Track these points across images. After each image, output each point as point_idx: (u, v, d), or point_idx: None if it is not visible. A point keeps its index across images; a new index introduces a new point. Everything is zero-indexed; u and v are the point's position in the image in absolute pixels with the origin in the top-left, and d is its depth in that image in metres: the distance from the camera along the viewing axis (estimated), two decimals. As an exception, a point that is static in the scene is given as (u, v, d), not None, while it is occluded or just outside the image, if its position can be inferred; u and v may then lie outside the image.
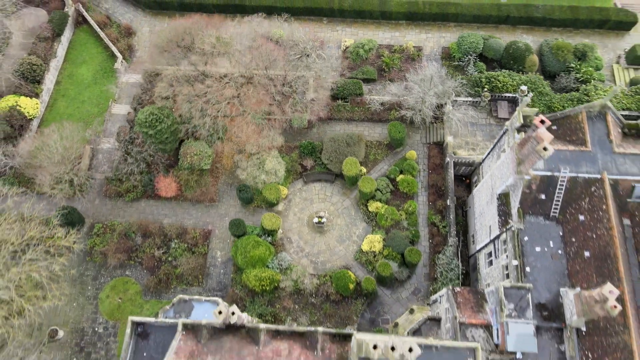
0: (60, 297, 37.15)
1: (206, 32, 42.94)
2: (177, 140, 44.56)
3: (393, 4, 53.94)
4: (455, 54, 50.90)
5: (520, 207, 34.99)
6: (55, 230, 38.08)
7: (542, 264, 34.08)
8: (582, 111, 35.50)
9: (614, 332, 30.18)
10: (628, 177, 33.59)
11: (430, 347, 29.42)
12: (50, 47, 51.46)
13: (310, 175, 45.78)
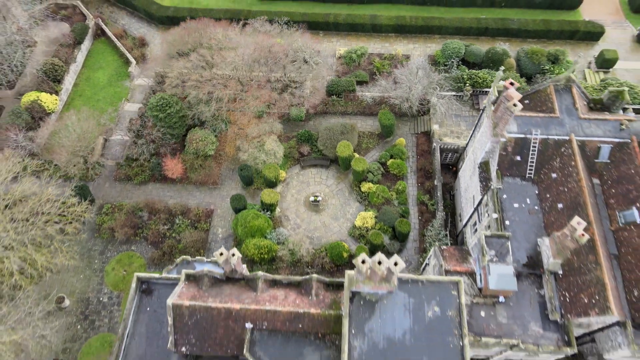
0: (70, 259, 39.41)
1: (214, 30, 47.94)
2: (184, 127, 48.38)
3: (383, 18, 59.69)
4: (440, 59, 55.80)
5: (499, 169, 38.20)
6: (70, 200, 40.90)
7: (520, 218, 36.81)
8: (550, 85, 39.57)
9: (587, 270, 32.46)
10: (593, 138, 37.04)
11: (416, 282, 31.65)
12: (71, 53, 56.54)
13: (307, 160, 49.21)
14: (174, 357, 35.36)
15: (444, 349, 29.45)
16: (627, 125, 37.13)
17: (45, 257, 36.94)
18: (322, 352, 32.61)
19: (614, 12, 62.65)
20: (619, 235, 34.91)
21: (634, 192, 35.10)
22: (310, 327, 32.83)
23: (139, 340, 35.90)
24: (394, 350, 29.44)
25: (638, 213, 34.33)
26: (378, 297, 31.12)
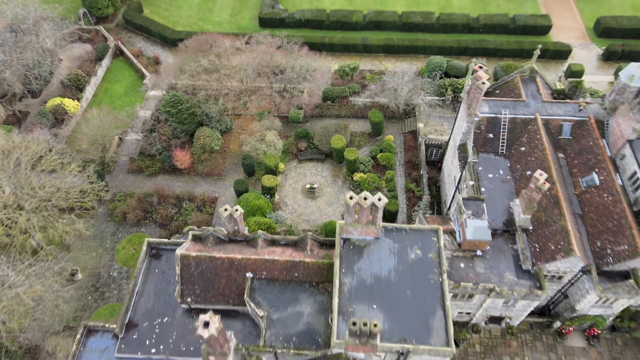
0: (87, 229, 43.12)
1: (222, 41, 54.31)
2: (194, 123, 53.49)
3: (373, 40, 66.65)
4: (425, 72, 61.99)
5: (474, 146, 42.86)
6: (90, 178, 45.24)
7: (494, 186, 40.99)
8: (517, 75, 45.15)
9: (553, 222, 36.29)
10: (556, 117, 42.01)
11: (401, 230, 35.43)
12: (92, 67, 62.86)
13: (304, 154, 53.93)
14: (179, 310, 38.25)
15: (425, 284, 32.75)
16: (585, 107, 42.24)
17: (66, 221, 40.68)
18: (316, 298, 35.76)
19: (581, 37, 69.85)
20: (582, 197, 39.00)
21: (592, 161, 39.59)
22: (305, 276, 36.17)
23: (147, 297, 38.91)
24: (380, 286, 32.70)
25: (597, 177, 38.60)
26: (366, 243, 34.75)
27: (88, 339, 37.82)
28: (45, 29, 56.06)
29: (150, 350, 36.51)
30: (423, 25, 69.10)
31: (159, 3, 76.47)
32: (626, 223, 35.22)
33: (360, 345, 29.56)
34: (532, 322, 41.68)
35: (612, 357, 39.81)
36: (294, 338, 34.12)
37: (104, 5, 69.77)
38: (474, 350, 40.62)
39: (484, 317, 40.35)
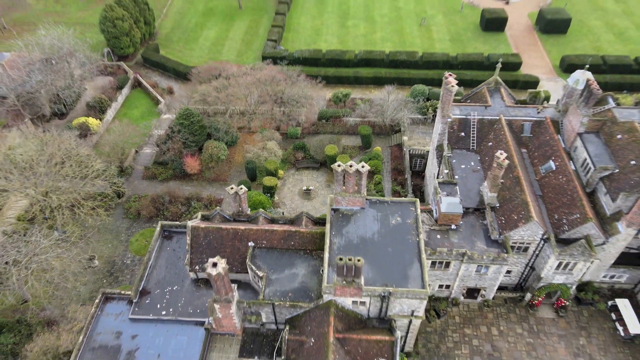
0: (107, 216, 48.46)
1: (230, 67, 62.41)
2: (203, 135, 60.18)
3: (363, 73, 75.18)
4: (409, 97, 69.75)
5: (449, 143, 49.24)
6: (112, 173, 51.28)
7: (466, 175, 46.90)
8: (484, 87, 52.43)
9: (515, 197, 41.88)
10: (517, 118, 48.73)
11: (383, 202, 41.06)
12: (114, 94, 70.72)
13: (301, 163, 60.18)
14: (187, 280, 42.86)
15: (404, 243, 37.95)
16: (542, 110, 49.13)
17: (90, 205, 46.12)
18: (309, 262, 40.66)
19: (548, 72, 78.52)
20: (542, 181, 44.84)
21: (549, 152, 45.84)
22: (301, 244, 41.30)
23: (159, 270, 43.71)
24: (365, 244, 37.88)
25: (553, 163, 44.67)
26: (353, 212, 40.28)
27: (105, 305, 42.03)
28: (76, 58, 64.16)
29: (160, 312, 40.78)
30: (408, 62, 77.92)
31: (174, 46, 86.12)
32: (577, 197, 40.85)
33: (347, 285, 34.29)
34: (506, 297, 45.94)
35: (579, 327, 43.74)
36: (290, 294, 38.62)
37: (125, 46, 78.99)
38: (454, 321, 44.58)
39: (461, 290, 44.69)
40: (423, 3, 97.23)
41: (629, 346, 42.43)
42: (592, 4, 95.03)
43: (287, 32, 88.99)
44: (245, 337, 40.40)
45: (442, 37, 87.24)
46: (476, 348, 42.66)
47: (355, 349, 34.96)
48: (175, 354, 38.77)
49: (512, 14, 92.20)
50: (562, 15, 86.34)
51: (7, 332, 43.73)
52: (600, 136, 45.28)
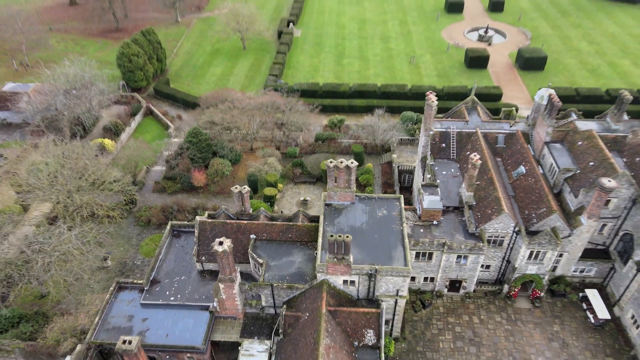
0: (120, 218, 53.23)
1: (235, 94, 69.09)
2: (210, 152, 65.83)
3: (357, 103, 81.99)
4: (399, 123, 76.08)
5: (431, 153, 54.76)
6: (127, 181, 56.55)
7: (447, 180, 52.10)
8: (462, 106, 58.63)
9: (489, 195, 46.89)
10: (492, 131, 54.53)
11: (371, 198, 46.18)
12: (128, 119, 77.14)
13: (299, 178, 65.50)
14: (194, 272, 47.12)
15: (389, 230, 42.78)
16: (514, 124, 55.06)
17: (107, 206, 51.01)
18: (305, 252, 45.15)
19: (526, 102, 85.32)
20: (514, 184, 50.01)
21: (520, 158, 51.31)
22: (298, 236, 45.95)
23: (169, 262, 48.13)
24: (354, 232, 42.67)
25: (524, 167, 50.01)
26: (344, 206, 45.30)
27: (119, 293, 46.05)
28: (96, 86, 71.03)
29: (169, 298, 44.84)
30: (398, 93, 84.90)
31: (183, 80, 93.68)
32: (544, 194, 45.93)
33: (337, 262, 38.74)
34: (486, 290, 49.90)
35: (553, 315, 47.47)
36: (287, 277, 42.86)
37: (139, 79, 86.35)
38: (439, 312, 48.32)
39: (444, 282, 48.75)
40: (412, 44, 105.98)
41: (599, 332, 46.04)
42: (567, 45, 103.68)
43: (287, 69, 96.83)
44: (246, 320, 44.20)
45: (430, 73, 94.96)
46: (459, 334, 46.23)
47: (345, 321, 38.89)
48: (182, 334, 42.44)
49: (494, 54, 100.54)
50: (538, 53, 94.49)
51: (26, 322, 47.47)
52: (564, 144, 50.95)
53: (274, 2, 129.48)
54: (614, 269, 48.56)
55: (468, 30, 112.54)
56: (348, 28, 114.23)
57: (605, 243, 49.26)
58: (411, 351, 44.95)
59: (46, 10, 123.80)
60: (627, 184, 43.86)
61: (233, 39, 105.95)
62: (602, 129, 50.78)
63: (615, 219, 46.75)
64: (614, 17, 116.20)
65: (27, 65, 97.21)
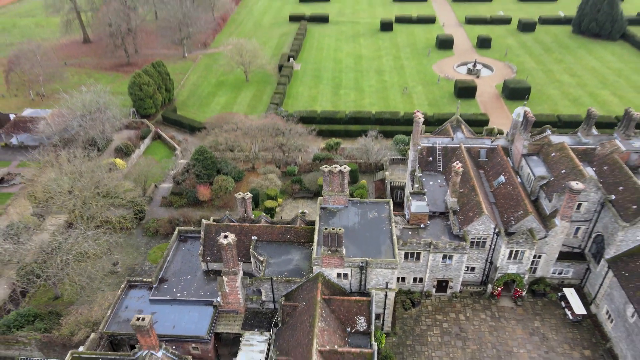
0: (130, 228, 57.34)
1: (238, 116, 74.54)
2: (215, 170, 70.48)
3: (352, 128, 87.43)
4: (392, 144, 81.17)
5: (420, 166, 59.39)
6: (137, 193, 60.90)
7: (434, 189, 56.50)
8: (448, 125, 63.79)
9: (471, 200, 51.18)
10: (475, 146, 59.39)
11: (363, 202, 50.58)
12: (137, 142, 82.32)
13: (298, 193, 69.88)
14: (199, 271, 50.81)
15: (379, 229, 46.96)
16: (494, 140, 60.02)
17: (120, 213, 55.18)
18: (302, 251, 49.06)
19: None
20: (495, 192, 54.41)
21: (500, 169, 55.91)
22: (296, 238, 49.98)
23: (176, 264, 51.96)
24: (348, 231, 46.68)
25: (503, 177, 54.53)
26: (338, 209, 49.63)
27: (129, 290, 49.61)
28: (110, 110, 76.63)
29: (176, 294, 48.38)
30: (391, 119, 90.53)
31: (189, 109, 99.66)
32: (521, 199, 50.26)
33: (331, 254, 42.62)
34: (472, 291, 53.30)
35: (534, 313, 50.74)
36: (285, 273, 46.57)
37: (149, 106, 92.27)
38: (427, 310, 51.58)
39: (432, 282, 52.24)
40: (405, 77, 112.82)
41: (577, 327, 49.21)
42: (550, 78, 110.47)
43: (287, 99, 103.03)
44: (247, 315, 47.55)
45: (422, 102, 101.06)
46: (446, 329, 49.37)
47: (338, 308, 42.37)
48: (188, 326, 45.74)
49: (482, 85, 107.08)
50: (522, 84, 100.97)
51: (40, 320, 50.68)
52: (539, 156, 55.75)
53: (276, 40, 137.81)
54: (589, 269, 52.22)
55: (457, 65, 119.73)
56: (345, 62, 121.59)
57: (580, 246, 53.11)
58: (401, 345, 47.98)
59: (61, 47, 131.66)
60: (594, 187, 48.29)
61: (237, 72, 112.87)
62: (573, 142, 55.71)
63: (587, 222, 50.87)
64: (594, 53, 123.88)
65: (43, 96, 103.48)
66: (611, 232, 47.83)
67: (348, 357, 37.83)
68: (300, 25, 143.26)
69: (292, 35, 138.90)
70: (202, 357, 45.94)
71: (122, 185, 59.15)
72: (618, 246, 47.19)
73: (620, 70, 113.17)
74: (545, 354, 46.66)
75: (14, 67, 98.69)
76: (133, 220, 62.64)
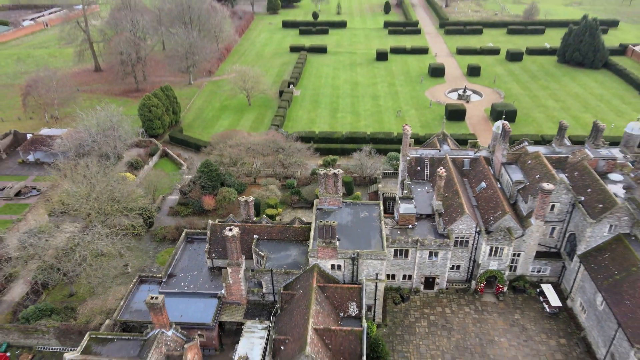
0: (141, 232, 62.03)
1: (242, 134, 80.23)
2: (219, 182, 75.53)
3: (349, 147, 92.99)
4: (386, 161, 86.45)
5: (409, 175, 64.46)
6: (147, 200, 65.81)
7: (421, 195, 61.39)
8: (435, 138, 69.26)
9: (454, 202, 56.01)
10: (459, 156, 64.65)
11: (356, 204, 55.47)
12: (146, 158, 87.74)
13: (297, 203, 74.71)
14: (205, 268, 55.14)
15: (370, 227, 51.79)
16: (477, 151, 65.35)
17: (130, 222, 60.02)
18: (300, 248, 53.63)
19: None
20: (477, 197, 59.33)
21: (482, 177, 60.99)
22: (294, 236, 54.63)
23: (183, 261, 56.41)
24: (341, 228, 51.43)
25: (484, 183, 59.54)
26: (332, 210, 54.53)
27: (140, 285, 53.83)
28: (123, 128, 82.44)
29: (183, 288, 52.54)
30: (385, 139, 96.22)
31: (195, 130, 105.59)
32: (500, 201, 55.14)
33: (326, 246, 47.18)
34: (457, 288, 57.41)
35: (515, 307, 54.73)
36: (284, 266, 50.92)
37: (157, 127, 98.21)
38: (416, 304, 55.57)
39: (420, 279, 56.40)
40: (399, 101, 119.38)
41: (554, 319, 53.13)
42: (535, 102, 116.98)
43: (287, 121, 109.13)
44: (249, 306, 51.65)
45: (414, 124, 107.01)
46: (432, 321, 53.28)
47: (332, 295, 46.59)
48: (194, 315, 49.81)
49: (471, 109, 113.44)
50: (509, 107, 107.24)
51: (56, 314, 54.63)
52: (517, 164, 60.94)
53: (277, 68, 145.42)
54: (565, 267, 56.53)
55: (448, 91, 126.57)
56: (342, 89, 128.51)
57: (556, 246, 57.57)
58: (391, 334, 51.81)
59: (74, 75, 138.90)
60: (565, 189, 53.26)
61: (239, 97, 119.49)
62: (548, 152, 61.04)
63: (561, 222, 55.55)
64: (578, 80, 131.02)
65: (57, 118, 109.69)
66: (581, 229, 52.47)
67: (340, 334, 41.87)
68: (300, 55, 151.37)
69: (292, 64, 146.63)
70: (206, 344, 49.75)
71: (134, 192, 64.03)
72: (588, 242, 51.73)
73: (601, 96, 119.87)
74: (524, 342, 50.47)
75: (31, 91, 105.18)
76: (143, 226, 67.22)
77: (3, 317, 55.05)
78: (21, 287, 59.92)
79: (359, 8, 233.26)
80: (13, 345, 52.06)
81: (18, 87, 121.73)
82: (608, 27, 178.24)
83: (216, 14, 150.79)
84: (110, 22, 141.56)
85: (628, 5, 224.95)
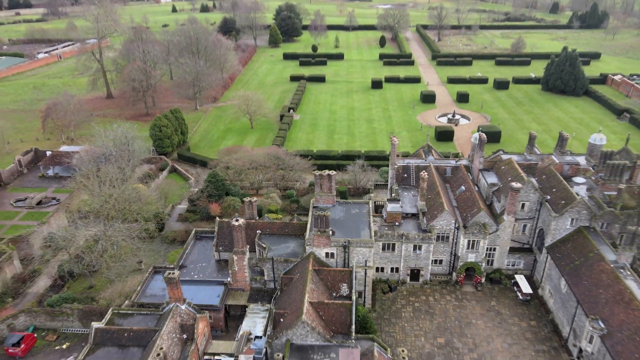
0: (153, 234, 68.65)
1: (245, 148, 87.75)
2: (224, 191, 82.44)
3: (344, 162, 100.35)
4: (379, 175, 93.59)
5: (396, 181, 71.46)
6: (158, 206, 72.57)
7: (408, 199, 68.21)
8: (421, 150, 76.62)
9: (435, 202, 62.79)
10: (442, 164, 71.85)
11: (348, 202, 62.39)
12: (157, 172, 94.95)
13: (296, 211, 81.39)
14: (212, 260, 61.45)
15: (360, 220, 58.61)
16: (458, 160, 72.62)
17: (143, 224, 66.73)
18: (298, 241, 60.15)
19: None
20: (457, 199, 66.18)
21: (462, 182, 68.02)
22: (293, 231, 61.27)
23: (193, 255, 62.83)
24: (335, 222, 58.10)
25: (464, 187, 66.51)
26: (327, 208, 61.20)
27: (154, 275, 59.94)
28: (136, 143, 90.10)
29: (193, 276, 58.70)
30: (379, 156, 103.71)
31: (201, 149, 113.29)
32: (476, 200, 62.01)
33: (320, 234, 53.74)
34: (440, 280, 63.45)
35: (491, 295, 60.68)
36: (284, 255, 57.25)
37: (166, 145, 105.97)
38: (402, 294, 61.48)
39: (406, 271, 62.52)
40: (392, 124, 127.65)
41: (526, 305, 59.03)
42: (519, 125, 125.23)
43: (287, 142, 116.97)
44: (252, 292, 57.65)
45: (406, 144, 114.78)
46: (417, 307, 59.13)
47: (326, 277, 52.81)
48: (203, 298, 55.78)
49: (460, 131, 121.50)
50: (494, 129, 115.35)
51: (78, 302, 60.54)
52: (493, 170, 68.07)
53: (278, 95, 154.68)
54: (536, 260, 62.77)
55: (439, 116, 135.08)
56: (339, 113, 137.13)
57: (529, 242, 63.99)
58: (380, 318, 57.59)
59: (87, 101, 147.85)
60: (532, 189, 60.20)
61: (243, 120, 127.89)
62: (520, 159, 68.36)
63: (531, 219, 62.19)
64: (560, 106, 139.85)
65: (73, 139, 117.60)
66: (547, 224, 59.09)
67: (332, 307, 47.91)
68: (300, 83, 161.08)
69: (292, 92, 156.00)
70: (214, 325, 55.48)
71: (149, 196, 70.87)
72: (553, 235, 58.27)
73: (581, 119, 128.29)
74: (498, 324, 56.26)
75: (51, 114, 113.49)
76: (155, 229, 73.74)
77: (29, 304, 60.94)
78: (44, 281, 65.95)
79: (356, 42, 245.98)
80: (39, 327, 57.69)
81: (35, 112, 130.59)
82: (590, 58, 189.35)
83: (221, 46, 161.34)
84: (123, 53, 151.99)
85: (611, 40, 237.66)
